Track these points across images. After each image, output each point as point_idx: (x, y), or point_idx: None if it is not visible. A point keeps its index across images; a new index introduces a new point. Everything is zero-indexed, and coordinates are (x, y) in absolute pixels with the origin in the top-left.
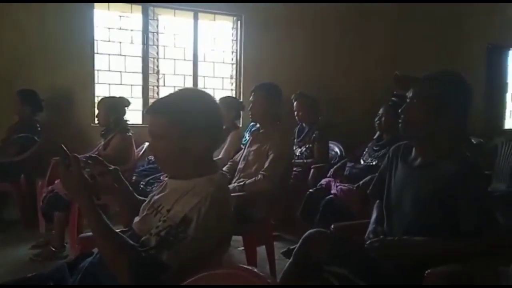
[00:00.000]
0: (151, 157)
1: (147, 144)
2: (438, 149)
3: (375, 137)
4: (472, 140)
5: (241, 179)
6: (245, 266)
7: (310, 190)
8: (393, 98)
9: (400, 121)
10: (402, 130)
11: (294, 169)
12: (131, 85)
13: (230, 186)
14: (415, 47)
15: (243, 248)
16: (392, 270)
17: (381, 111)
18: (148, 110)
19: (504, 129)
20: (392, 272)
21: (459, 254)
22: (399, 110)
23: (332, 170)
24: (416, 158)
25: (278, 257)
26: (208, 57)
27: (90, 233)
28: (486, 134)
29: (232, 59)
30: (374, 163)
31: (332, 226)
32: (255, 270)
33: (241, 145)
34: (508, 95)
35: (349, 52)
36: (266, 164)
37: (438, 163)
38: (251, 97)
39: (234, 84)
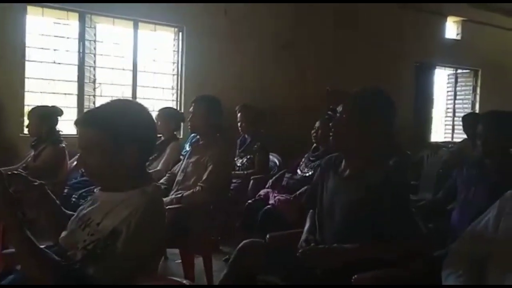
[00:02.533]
0: None
1: None
2: (365, 160)
3: (311, 148)
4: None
5: (179, 191)
6: (175, 279)
7: (249, 201)
8: (329, 112)
9: (331, 133)
10: (332, 142)
11: (235, 180)
12: (66, 94)
13: (168, 198)
14: (350, 64)
15: (180, 260)
16: (323, 276)
17: (317, 124)
18: (78, 121)
19: (430, 142)
20: (322, 279)
21: (385, 258)
22: (330, 124)
23: (270, 181)
24: (346, 169)
25: (217, 268)
26: (148, 67)
27: (13, 250)
28: (414, 147)
29: (174, 70)
30: (310, 173)
31: (268, 236)
32: (184, 282)
33: (181, 157)
34: (434, 110)
35: (288, 66)
36: (205, 176)
37: (365, 173)
38: (191, 108)
39: (175, 95)
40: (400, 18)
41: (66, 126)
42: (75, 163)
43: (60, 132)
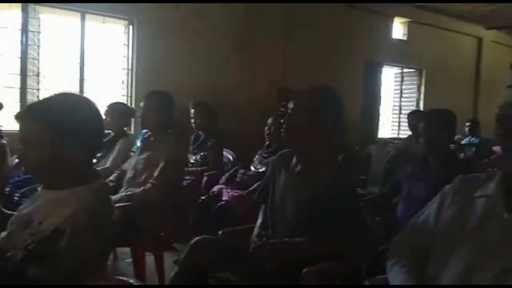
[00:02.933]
0: None
1: None
2: (315, 157)
3: (265, 145)
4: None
5: (129, 189)
6: (122, 278)
7: (203, 197)
8: (281, 109)
9: (282, 130)
10: (284, 139)
11: (188, 177)
12: (7, 87)
13: (117, 196)
14: (301, 62)
15: (131, 259)
16: (274, 271)
17: (269, 121)
18: (18, 115)
19: (377, 138)
20: (273, 273)
21: (333, 252)
22: (282, 120)
23: (224, 177)
24: (297, 165)
25: (170, 266)
26: (97, 61)
27: None
28: (362, 143)
29: (124, 64)
30: (263, 170)
31: (220, 232)
32: (131, 281)
33: (131, 153)
34: (382, 108)
35: (243, 63)
36: (156, 173)
37: (314, 169)
38: (142, 103)
39: (126, 90)
40: (349, 18)
41: (8, 121)
42: (17, 160)
43: (1, 128)
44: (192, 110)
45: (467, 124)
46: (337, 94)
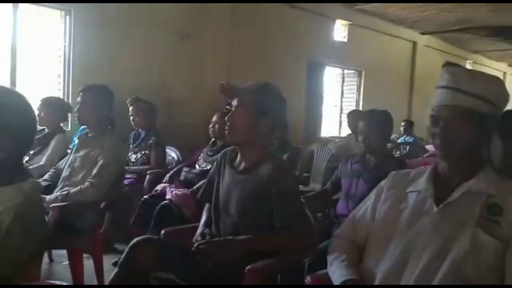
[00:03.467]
0: None
1: None
2: (258, 154)
3: (210, 143)
4: (299, 146)
5: (65, 188)
6: (53, 282)
7: (145, 197)
8: (227, 106)
9: (226, 127)
10: (227, 136)
11: (129, 175)
12: None
13: (52, 196)
14: (247, 60)
15: (68, 262)
16: (216, 269)
17: (215, 118)
18: None
19: (320, 136)
20: (216, 271)
21: (276, 248)
22: (225, 118)
23: (168, 175)
24: (241, 162)
25: (110, 268)
26: (30, 51)
27: None
28: (305, 141)
29: (60, 56)
30: (208, 167)
31: (162, 232)
32: (63, 284)
33: (68, 151)
34: (324, 107)
35: (186, 58)
36: (95, 171)
37: (258, 166)
38: (79, 98)
39: (62, 84)
40: (292, 19)
41: None
42: None
43: None
44: (130, 108)
45: (402, 124)
46: (279, 92)
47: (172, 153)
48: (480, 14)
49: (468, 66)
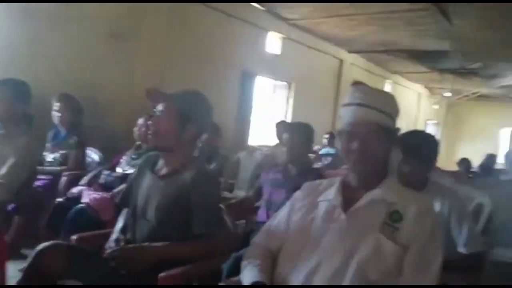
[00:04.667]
0: None
1: None
2: (181, 160)
3: (134, 146)
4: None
5: None
6: None
7: (60, 200)
8: (154, 110)
9: (149, 132)
10: (150, 141)
11: (43, 176)
12: None
13: None
14: (183, 64)
15: None
16: (129, 277)
17: (140, 121)
18: None
19: (248, 144)
20: (129, 280)
21: (193, 255)
22: (149, 122)
23: (86, 178)
24: (163, 168)
25: (15, 275)
26: None
27: None
28: (234, 149)
29: None
30: (130, 171)
31: (74, 237)
32: None
33: None
34: (255, 116)
35: (117, 58)
36: (4, 170)
37: (180, 172)
38: None
39: None
40: (227, 28)
41: None
42: None
43: None
44: (58, 104)
45: (326, 136)
46: (206, 99)
47: (93, 155)
48: (402, 38)
49: (388, 85)
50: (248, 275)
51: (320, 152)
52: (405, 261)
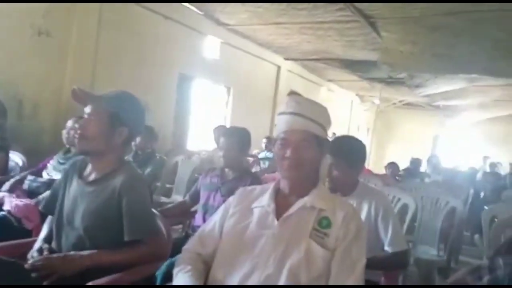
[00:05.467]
0: None
1: None
2: (110, 164)
3: (62, 150)
4: (164, 157)
5: None
6: None
7: None
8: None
9: (76, 135)
10: (77, 145)
11: None
12: None
13: None
14: (116, 65)
15: None
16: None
17: (69, 123)
18: None
19: (186, 148)
20: None
21: (124, 262)
22: (76, 125)
23: (8, 183)
24: (91, 173)
25: None
26: None
27: None
28: (172, 152)
29: None
30: (57, 177)
31: None
32: None
33: None
34: (193, 120)
35: (44, 57)
36: None
37: (109, 177)
38: None
39: None
40: (165, 30)
41: None
42: None
43: None
44: None
45: (264, 140)
46: (138, 101)
47: (16, 158)
48: (334, 48)
49: (324, 92)
50: (180, 281)
51: (259, 156)
52: (333, 264)
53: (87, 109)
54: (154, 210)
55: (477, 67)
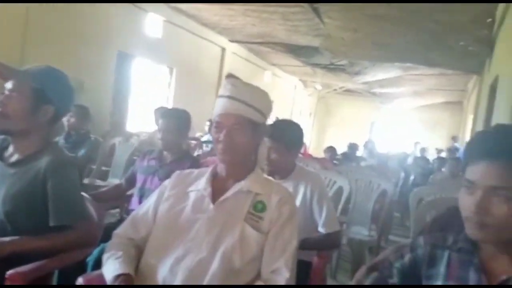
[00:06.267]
0: None
1: None
2: (34, 145)
3: None
4: (99, 139)
5: None
6: None
7: None
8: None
9: None
10: None
11: None
12: None
13: None
14: (49, 42)
15: None
16: None
17: None
18: None
19: (126, 130)
20: None
21: (50, 250)
22: None
23: None
24: (13, 154)
25: None
26: None
27: None
28: (110, 134)
29: None
30: None
31: None
32: None
33: None
34: (134, 101)
35: None
36: None
37: (33, 159)
38: None
39: None
40: (104, 7)
41: None
42: None
43: None
44: None
45: (207, 123)
46: (65, 77)
47: None
48: (278, 32)
49: (268, 76)
50: (110, 268)
51: (202, 139)
52: (266, 246)
53: (8, 85)
54: (84, 194)
55: (413, 57)
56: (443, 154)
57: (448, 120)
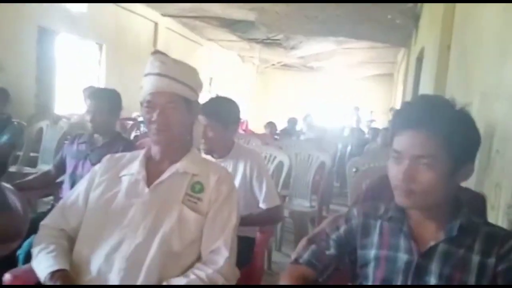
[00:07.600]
0: None
1: None
2: None
3: None
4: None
5: None
6: None
7: None
8: None
9: None
10: None
11: None
12: None
13: None
14: None
15: None
16: None
17: None
18: None
19: (54, 112)
20: None
21: None
22: None
23: None
24: None
25: None
26: None
27: None
28: (35, 117)
29: None
30: None
31: None
32: None
33: None
34: (59, 80)
35: None
36: None
37: None
38: None
39: None
40: None
41: None
42: None
43: None
44: None
45: None
46: None
47: None
48: (212, 6)
49: (205, 52)
50: (42, 264)
51: (139, 119)
52: (205, 228)
53: None
54: (4, 184)
55: (343, 30)
56: (374, 125)
57: (381, 91)
